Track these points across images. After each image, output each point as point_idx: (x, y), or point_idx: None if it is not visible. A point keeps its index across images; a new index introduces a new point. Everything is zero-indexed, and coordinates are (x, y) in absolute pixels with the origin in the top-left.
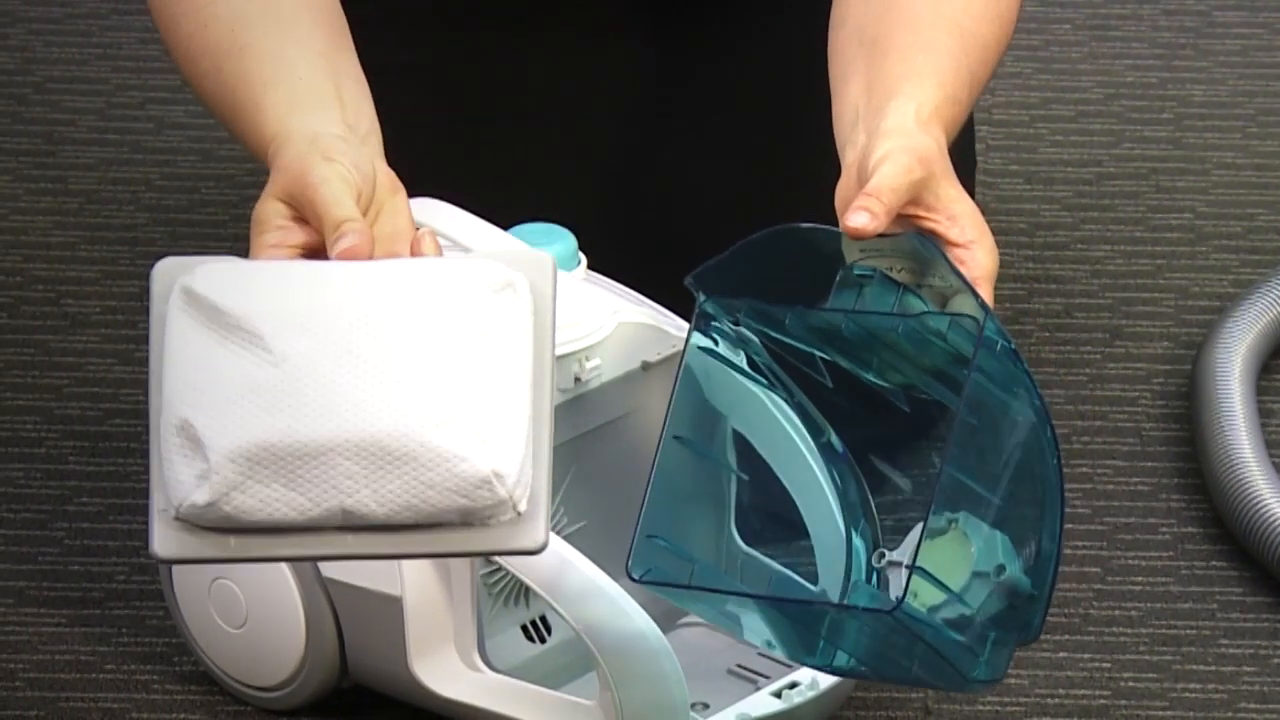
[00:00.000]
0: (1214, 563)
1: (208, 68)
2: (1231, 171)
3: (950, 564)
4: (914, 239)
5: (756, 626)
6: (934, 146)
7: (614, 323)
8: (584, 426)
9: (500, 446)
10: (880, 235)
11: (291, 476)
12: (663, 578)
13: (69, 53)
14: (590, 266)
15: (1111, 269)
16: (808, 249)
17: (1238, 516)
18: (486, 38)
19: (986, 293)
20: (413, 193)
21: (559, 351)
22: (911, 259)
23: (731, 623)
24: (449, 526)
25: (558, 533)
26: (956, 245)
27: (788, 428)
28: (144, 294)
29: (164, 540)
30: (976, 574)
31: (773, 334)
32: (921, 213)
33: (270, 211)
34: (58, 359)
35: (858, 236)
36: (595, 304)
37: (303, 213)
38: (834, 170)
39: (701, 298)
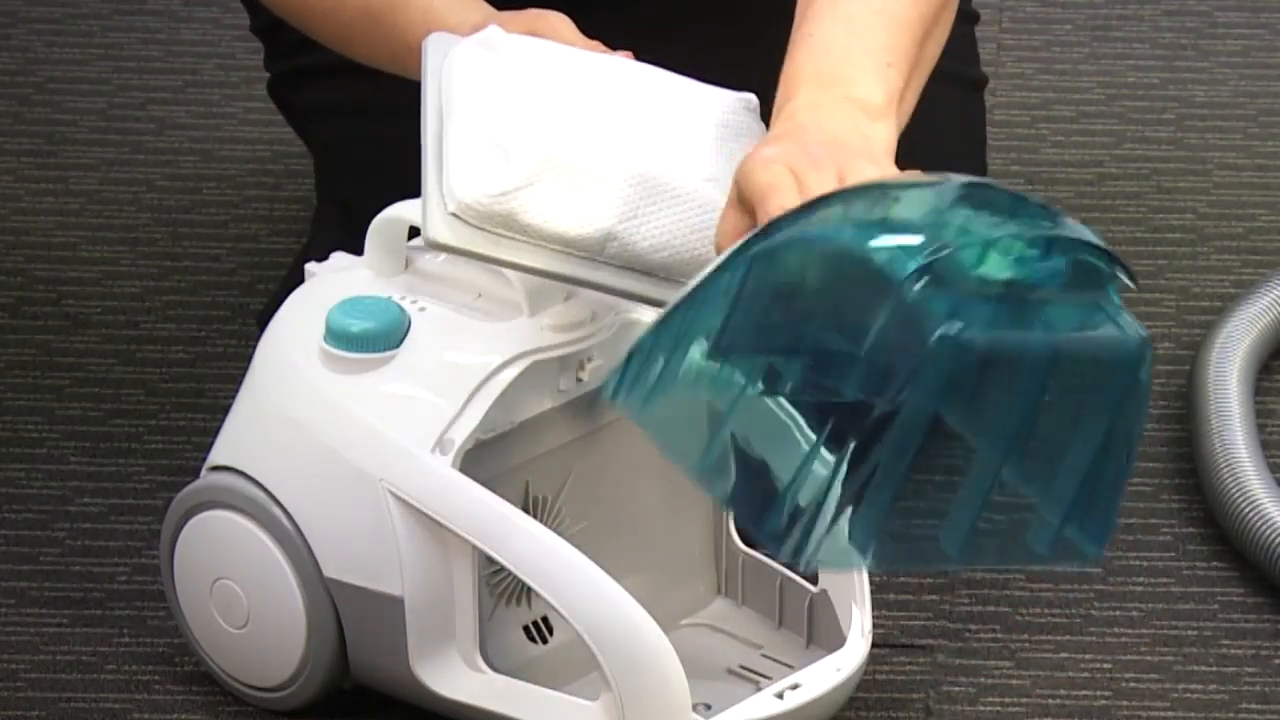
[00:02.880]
0: (1215, 563)
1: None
2: (1233, 172)
3: None
4: None
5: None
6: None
7: (616, 323)
8: (586, 427)
9: None
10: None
11: (576, 190)
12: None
13: (70, 53)
14: None
15: None
16: None
17: (1233, 518)
18: None
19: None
20: (419, 194)
21: (561, 352)
22: None
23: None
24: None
25: (559, 533)
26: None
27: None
28: (145, 294)
29: (438, 226)
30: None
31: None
32: None
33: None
34: (59, 359)
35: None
36: (598, 304)
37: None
38: None
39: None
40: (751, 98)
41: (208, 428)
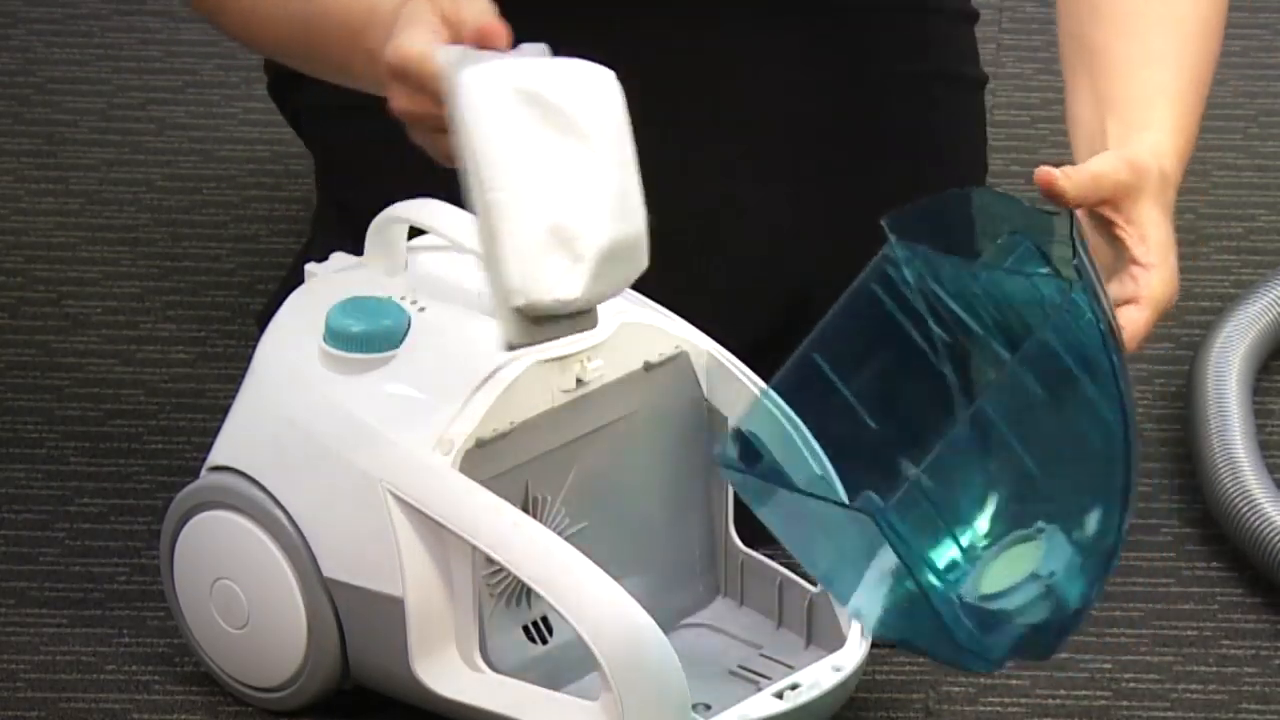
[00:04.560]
0: (1215, 563)
1: None
2: (1232, 172)
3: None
4: (1065, 214)
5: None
6: (1152, 167)
7: (616, 323)
8: (586, 427)
9: None
10: (1046, 213)
11: (628, 252)
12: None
13: (70, 53)
14: None
15: None
16: (995, 216)
17: (1231, 518)
18: None
19: (1146, 315)
20: (419, 194)
21: (562, 353)
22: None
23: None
24: None
25: (559, 533)
26: (1136, 263)
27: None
28: (145, 294)
29: (515, 331)
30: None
31: (943, 296)
32: (1119, 220)
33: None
34: (59, 360)
35: (1045, 186)
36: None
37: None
38: (832, 181)
39: (893, 239)
40: (543, 47)
41: (208, 428)
